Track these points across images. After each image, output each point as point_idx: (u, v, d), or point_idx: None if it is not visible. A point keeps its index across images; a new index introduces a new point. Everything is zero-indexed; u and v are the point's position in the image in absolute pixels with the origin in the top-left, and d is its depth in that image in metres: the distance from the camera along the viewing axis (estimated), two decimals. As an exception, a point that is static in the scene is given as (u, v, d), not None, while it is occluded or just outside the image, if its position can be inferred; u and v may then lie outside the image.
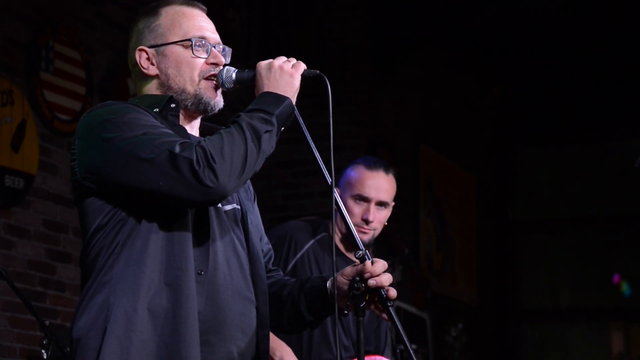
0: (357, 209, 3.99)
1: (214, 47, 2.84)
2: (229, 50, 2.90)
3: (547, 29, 9.20)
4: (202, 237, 2.69)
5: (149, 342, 2.57)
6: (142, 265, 2.60)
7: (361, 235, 3.97)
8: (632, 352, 10.65)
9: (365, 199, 3.99)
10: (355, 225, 3.96)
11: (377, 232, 4.05)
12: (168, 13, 2.86)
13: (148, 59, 2.83)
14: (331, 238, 4.02)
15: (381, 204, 4.02)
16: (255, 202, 2.98)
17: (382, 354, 4.07)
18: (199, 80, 2.80)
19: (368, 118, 8.00)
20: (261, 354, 2.81)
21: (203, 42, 2.82)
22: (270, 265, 3.00)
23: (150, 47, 2.83)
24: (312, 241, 4.04)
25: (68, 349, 4.05)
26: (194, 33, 2.83)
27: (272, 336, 3.74)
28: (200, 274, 2.65)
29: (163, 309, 2.59)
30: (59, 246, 5.87)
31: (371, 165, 4.05)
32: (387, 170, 4.07)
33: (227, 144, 2.58)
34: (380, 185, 4.02)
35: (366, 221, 3.98)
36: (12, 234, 5.58)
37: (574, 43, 9.41)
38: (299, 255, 4.00)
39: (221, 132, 2.63)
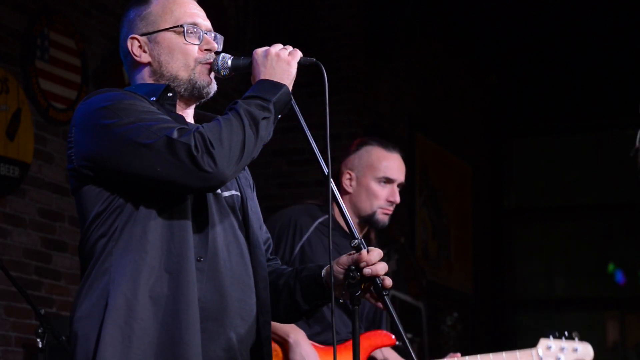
0: (383, 191, 4.01)
1: (206, 33, 2.84)
2: (220, 37, 2.90)
3: (542, 18, 9.19)
4: (201, 224, 2.68)
5: (150, 329, 2.57)
6: (142, 252, 2.59)
7: (384, 217, 4.03)
8: (628, 341, 10.67)
9: (391, 181, 4.01)
10: (379, 207, 3.99)
11: None
12: (159, 1, 2.86)
13: (140, 46, 2.83)
14: (336, 219, 4.01)
15: (401, 184, 4.05)
16: (254, 191, 2.97)
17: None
18: (195, 66, 2.79)
19: (364, 107, 7.99)
20: (262, 340, 2.80)
21: (195, 28, 2.82)
22: (269, 254, 2.99)
23: (142, 35, 2.83)
24: (315, 223, 4.03)
25: (64, 338, 4.05)
26: (185, 19, 2.82)
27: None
28: (199, 260, 2.65)
29: (164, 296, 2.58)
30: (55, 235, 5.86)
31: (389, 148, 4.08)
32: (400, 152, 4.09)
33: (226, 130, 2.58)
34: (401, 166, 4.08)
35: (392, 202, 4.00)
36: (8, 222, 5.57)
37: (569, 32, 9.40)
38: (304, 238, 3.99)
39: (219, 118, 2.63)
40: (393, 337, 4.01)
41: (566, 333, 4.18)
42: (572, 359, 4.17)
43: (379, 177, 4.01)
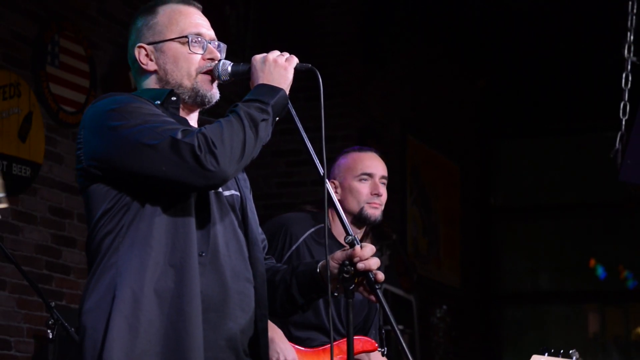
0: (365, 187, 3.98)
1: (210, 43, 2.84)
2: (223, 46, 2.90)
3: (529, 27, 9.21)
4: (203, 221, 2.69)
5: (155, 321, 2.57)
6: (147, 248, 2.60)
7: (373, 210, 3.98)
8: (607, 332, 10.69)
9: (370, 175, 3.99)
10: (366, 203, 3.97)
11: (382, 209, 4.05)
12: (165, 11, 2.85)
13: (147, 55, 2.83)
14: (329, 228, 3.99)
15: (383, 178, 4.03)
16: (251, 193, 2.98)
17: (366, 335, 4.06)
18: (196, 75, 2.80)
19: (358, 110, 7.99)
20: (259, 332, 2.81)
21: (199, 38, 2.82)
22: (264, 254, 2.99)
23: (148, 44, 2.83)
24: (307, 233, 4.00)
25: (73, 329, 4.05)
26: (190, 30, 2.82)
27: None
28: (201, 255, 2.65)
29: (168, 289, 2.59)
30: (64, 231, 5.87)
31: (363, 149, 4.08)
32: (376, 152, 4.09)
33: (227, 131, 2.59)
34: (377, 161, 4.05)
35: (377, 194, 3.98)
36: (20, 219, 5.57)
37: (553, 41, 9.42)
38: (294, 247, 3.97)
39: (220, 120, 2.64)
40: (375, 344, 3.98)
41: (562, 351, 3.95)
42: None
43: (358, 175, 4.00)
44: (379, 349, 3.95)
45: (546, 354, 3.75)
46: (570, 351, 3.76)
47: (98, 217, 2.66)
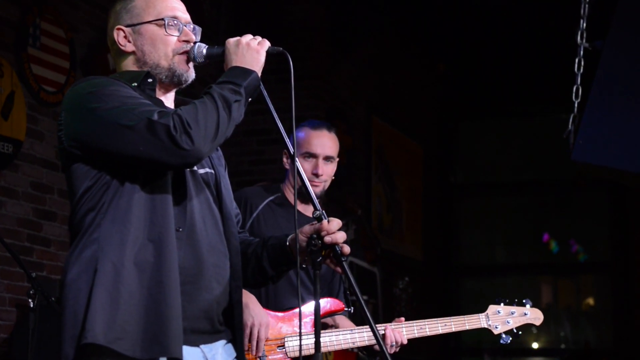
0: (307, 165, 4.02)
1: (185, 26, 2.83)
2: (198, 29, 2.89)
3: (487, 16, 9.23)
4: (180, 198, 2.69)
5: (135, 293, 2.57)
6: (127, 223, 2.59)
7: (313, 188, 4.01)
8: (560, 302, 10.80)
9: (314, 155, 4.02)
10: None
11: (327, 185, 4.08)
12: (143, -5, 2.84)
13: (125, 37, 2.82)
14: (285, 197, 4.05)
15: (327, 158, 4.05)
16: (226, 170, 2.98)
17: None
18: (173, 56, 2.79)
19: (326, 92, 7.99)
20: (234, 303, 2.82)
21: (175, 21, 2.81)
22: (238, 227, 3.00)
23: (127, 26, 2.82)
24: (265, 202, 4.05)
25: (53, 299, 4.04)
26: (166, 13, 2.82)
27: None
28: (178, 230, 2.65)
29: (148, 262, 2.59)
30: (45, 206, 5.83)
31: (315, 126, 4.10)
32: (329, 129, 4.11)
33: (201, 112, 2.58)
34: (325, 142, 4.05)
35: (316, 175, 4.01)
36: (2, 194, 5.54)
37: (511, 29, 9.46)
38: (254, 215, 4.02)
39: (195, 101, 2.64)
40: (343, 304, 4.00)
41: (516, 300, 4.01)
42: (521, 322, 4.01)
43: (303, 153, 4.04)
44: (346, 309, 3.99)
45: (502, 304, 3.84)
46: (524, 300, 3.83)
47: (80, 195, 2.65)
